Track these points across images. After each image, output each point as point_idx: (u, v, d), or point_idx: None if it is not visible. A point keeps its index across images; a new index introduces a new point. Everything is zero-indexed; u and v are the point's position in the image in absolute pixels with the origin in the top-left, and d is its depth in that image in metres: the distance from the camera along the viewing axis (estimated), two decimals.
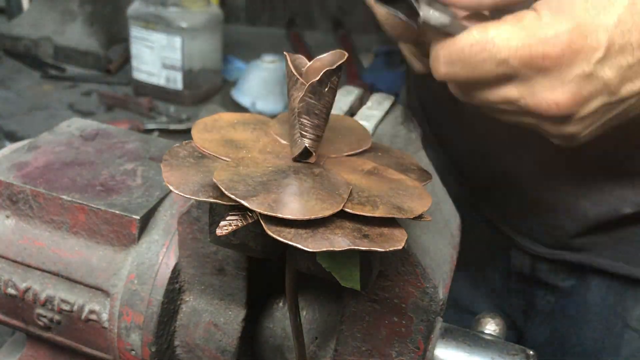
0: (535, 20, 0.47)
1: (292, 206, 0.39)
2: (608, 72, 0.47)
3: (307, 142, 0.44)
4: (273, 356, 0.60)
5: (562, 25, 0.46)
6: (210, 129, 0.49)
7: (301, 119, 0.43)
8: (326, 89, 0.42)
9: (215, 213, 0.48)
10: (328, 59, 0.44)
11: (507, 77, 0.49)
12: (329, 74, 0.42)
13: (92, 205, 0.58)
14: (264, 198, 0.39)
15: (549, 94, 0.48)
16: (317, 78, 0.42)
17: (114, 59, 2.60)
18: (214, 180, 0.40)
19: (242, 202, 0.39)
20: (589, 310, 0.82)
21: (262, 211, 0.38)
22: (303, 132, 0.44)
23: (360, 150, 0.50)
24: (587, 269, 0.80)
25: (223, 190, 0.39)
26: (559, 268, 0.83)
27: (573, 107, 0.49)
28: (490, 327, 0.56)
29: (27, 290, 0.61)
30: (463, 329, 0.53)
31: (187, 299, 0.58)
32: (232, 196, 0.39)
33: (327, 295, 0.57)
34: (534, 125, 0.53)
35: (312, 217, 0.39)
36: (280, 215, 0.38)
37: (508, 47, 0.47)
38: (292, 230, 0.38)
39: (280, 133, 0.50)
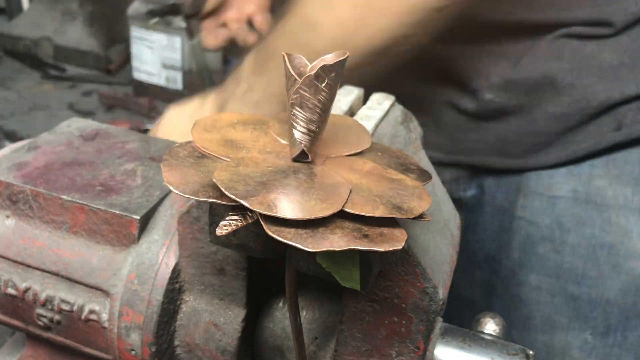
0: None
1: (292, 206, 0.39)
2: None
3: (297, 135, 0.44)
4: (273, 356, 0.60)
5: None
6: (210, 129, 0.49)
7: (293, 111, 0.43)
8: (323, 84, 0.42)
9: (215, 213, 0.48)
10: (332, 59, 0.44)
11: None
12: (326, 70, 0.42)
13: (92, 205, 0.58)
14: (264, 198, 0.39)
15: None
16: (314, 72, 0.42)
17: (114, 59, 2.60)
18: (214, 180, 0.40)
19: (242, 202, 0.39)
20: (482, 212, 0.87)
21: (261, 211, 0.38)
22: (294, 124, 0.44)
23: (360, 150, 0.50)
24: (481, 172, 0.86)
25: (223, 190, 0.39)
26: (460, 175, 0.88)
27: None
28: (490, 327, 0.56)
29: (27, 290, 0.61)
30: (463, 329, 0.53)
31: (187, 299, 0.58)
32: (232, 196, 0.39)
33: (327, 295, 0.57)
34: None
35: (312, 217, 0.39)
36: (279, 215, 0.38)
37: None
38: (292, 230, 0.38)
39: (280, 133, 0.50)
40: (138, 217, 0.57)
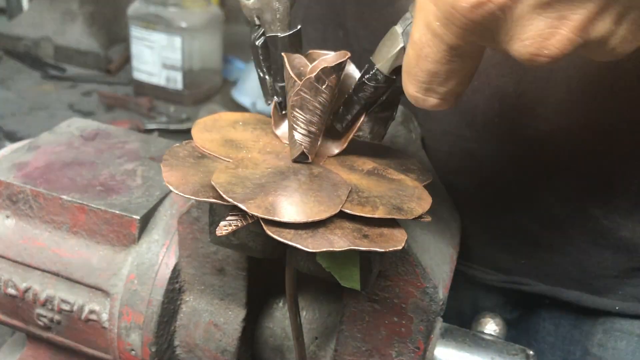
0: None
1: (290, 209, 0.39)
2: None
3: (297, 137, 0.44)
4: (273, 356, 0.60)
5: None
6: (210, 129, 0.49)
7: (294, 112, 0.43)
8: (323, 87, 0.42)
9: (215, 213, 0.48)
10: (332, 59, 0.44)
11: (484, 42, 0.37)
12: (326, 72, 0.42)
13: (92, 205, 0.58)
14: (262, 201, 0.39)
15: (517, 46, 0.36)
16: (314, 74, 0.42)
17: (114, 59, 2.60)
18: (212, 182, 0.40)
19: (240, 205, 0.39)
20: (542, 341, 0.74)
21: (259, 214, 0.38)
22: (295, 126, 0.44)
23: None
24: (535, 299, 0.72)
25: (221, 193, 0.39)
26: (506, 300, 0.75)
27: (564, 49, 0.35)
28: (490, 327, 0.56)
29: (27, 290, 0.61)
30: (463, 329, 0.53)
31: (187, 299, 0.58)
32: (230, 199, 0.39)
33: (327, 295, 0.57)
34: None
35: (310, 219, 0.39)
36: (277, 219, 0.38)
37: (434, 33, 0.37)
38: (292, 231, 0.38)
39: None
40: (138, 217, 0.57)
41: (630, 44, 0.36)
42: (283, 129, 0.49)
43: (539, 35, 0.35)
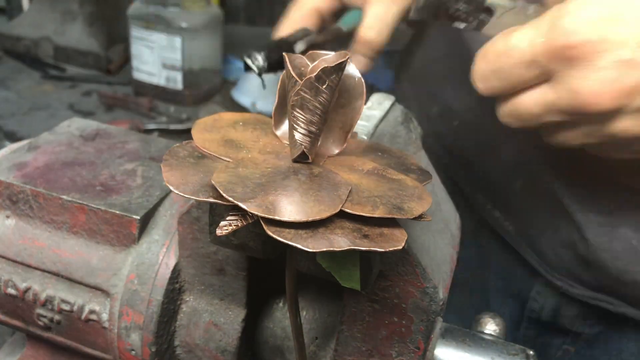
0: (558, 12, 0.44)
1: (290, 208, 0.39)
2: None
3: (298, 137, 0.44)
4: (273, 356, 0.60)
5: (585, 12, 0.43)
6: (210, 129, 0.49)
7: (294, 112, 0.43)
8: (324, 86, 0.42)
9: (216, 213, 0.48)
10: (332, 59, 0.44)
11: (540, 78, 0.47)
12: (327, 71, 0.42)
13: (92, 205, 0.58)
14: (262, 200, 0.39)
15: (582, 84, 0.44)
16: (315, 73, 0.42)
17: (114, 59, 2.60)
18: (212, 182, 0.40)
19: (240, 204, 0.39)
20: None
21: (259, 214, 0.38)
22: (295, 126, 0.44)
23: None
24: (621, 315, 0.68)
25: (221, 192, 0.39)
26: (588, 312, 0.71)
27: (616, 98, 0.44)
28: (490, 327, 0.56)
29: (27, 290, 0.61)
30: (463, 329, 0.53)
31: (187, 299, 0.58)
32: (230, 198, 0.39)
33: (327, 295, 0.57)
34: (582, 135, 0.48)
35: (310, 219, 0.39)
36: (277, 218, 0.38)
37: (532, 46, 0.45)
38: (292, 231, 0.38)
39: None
40: (138, 217, 0.57)
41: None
42: (283, 129, 0.49)
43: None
